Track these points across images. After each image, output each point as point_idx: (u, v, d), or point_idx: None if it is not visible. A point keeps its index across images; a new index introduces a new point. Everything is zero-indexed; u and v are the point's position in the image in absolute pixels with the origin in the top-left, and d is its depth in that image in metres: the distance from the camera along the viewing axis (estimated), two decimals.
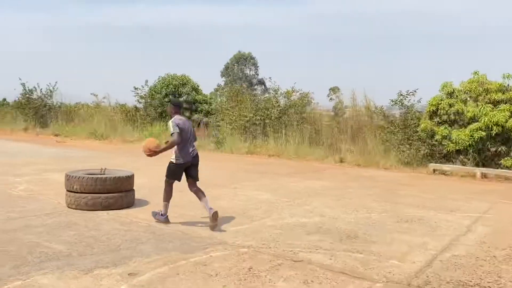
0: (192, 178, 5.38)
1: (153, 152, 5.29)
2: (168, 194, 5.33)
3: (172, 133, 5.13)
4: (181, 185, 5.42)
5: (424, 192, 8.06)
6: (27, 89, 23.98)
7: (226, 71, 49.88)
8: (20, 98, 24.23)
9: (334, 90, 54.65)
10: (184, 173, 5.37)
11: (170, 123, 5.22)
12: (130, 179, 6.21)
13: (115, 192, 5.95)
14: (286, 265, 3.96)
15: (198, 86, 22.17)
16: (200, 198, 5.29)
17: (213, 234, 4.90)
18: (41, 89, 24.06)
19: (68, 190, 5.96)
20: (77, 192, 5.84)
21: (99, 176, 5.93)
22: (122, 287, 3.39)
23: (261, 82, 49.91)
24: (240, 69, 50.06)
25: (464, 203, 7.18)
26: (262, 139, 15.61)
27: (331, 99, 55.36)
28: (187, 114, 20.01)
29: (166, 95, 21.30)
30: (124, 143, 17.15)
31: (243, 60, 49.86)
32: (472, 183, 9.58)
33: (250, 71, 50.62)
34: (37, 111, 23.55)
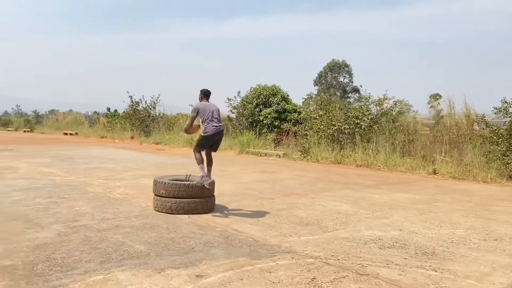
0: (212, 149, 6.60)
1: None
2: (199, 159, 6.43)
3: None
4: (269, 194, 5.57)
5: None
6: (134, 101, 26.29)
7: (319, 80, 49.72)
8: (127, 110, 26.63)
9: (435, 97, 51.65)
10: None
11: (193, 106, 6.66)
12: (211, 186, 6.54)
13: (196, 198, 6.31)
14: (351, 278, 3.90)
15: (287, 95, 22.42)
16: (208, 164, 6.49)
17: (283, 243, 4.97)
18: (145, 101, 26.23)
19: (155, 194, 6.45)
20: (162, 197, 6.30)
21: (182, 182, 6.34)
22: (188, 287, 3.61)
23: (356, 90, 48.92)
24: (333, 77, 49.60)
25: None
26: (351, 148, 15.31)
27: (431, 106, 52.35)
28: None
29: (257, 105, 21.89)
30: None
31: (336, 68, 49.34)
32: None
33: (344, 78, 49.94)
34: (142, 121, 25.65)
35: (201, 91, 6.68)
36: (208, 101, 6.62)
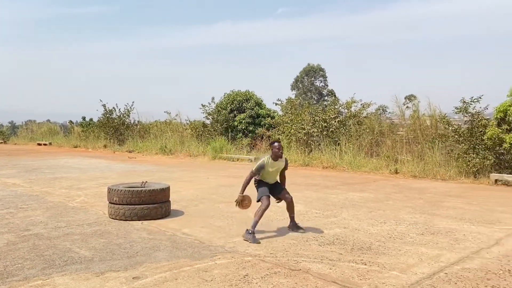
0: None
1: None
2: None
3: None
4: (230, 198, 5.72)
5: (470, 204, 7.64)
6: (107, 109, 26.20)
7: (296, 84, 50.27)
8: (101, 118, 26.52)
9: (410, 98, 52.72)
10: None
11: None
12: (164, 191, 6.67)
13: (149, 204, 6.44)
14: (282, 274, 4.09)
15: (261, 101, 22.69)
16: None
17: (228, 243, 5.15)
18: (119, 109, 26.16)
19: (109, 202, 6.56)
20: (116, 204, 6.42)
21: (135, 189, 6.46)
22: None
23: (332, 93, 49.62)
24: (310, 81, 50.22)
25: (511, 215, 6.73)
26: (319, 151, 15.61)
27: (407, 107, 53.41)
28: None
29: (231, 110, 22.09)
30: (188, 158, 18.05)
31: (312, 72, 49.97)
32: None
33: (320, 82, 50.59)
34: (116, 130, 25.55)
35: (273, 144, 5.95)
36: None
